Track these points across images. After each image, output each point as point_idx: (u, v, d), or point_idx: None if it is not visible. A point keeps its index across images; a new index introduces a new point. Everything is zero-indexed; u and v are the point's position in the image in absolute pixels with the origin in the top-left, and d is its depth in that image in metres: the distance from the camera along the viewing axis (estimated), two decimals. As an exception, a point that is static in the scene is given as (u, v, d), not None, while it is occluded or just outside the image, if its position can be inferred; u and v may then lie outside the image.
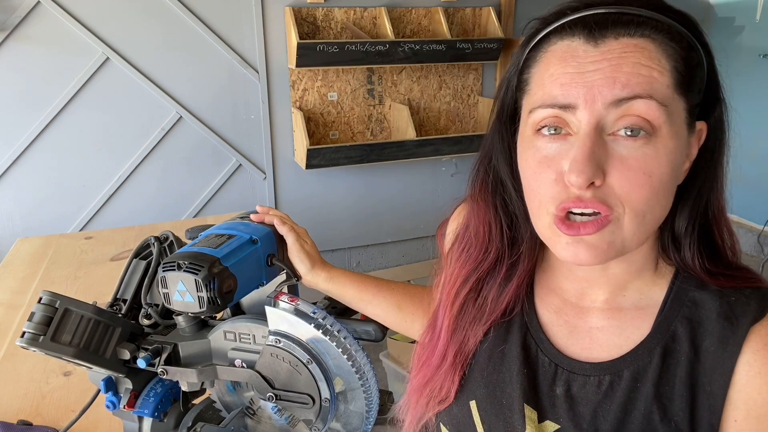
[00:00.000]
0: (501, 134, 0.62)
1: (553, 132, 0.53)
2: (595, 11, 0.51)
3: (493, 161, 0.64)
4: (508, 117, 0.61)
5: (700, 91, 0.53)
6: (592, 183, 0.50)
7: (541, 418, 0.60)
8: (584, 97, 0.50)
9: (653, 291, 0.59)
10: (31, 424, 1.03)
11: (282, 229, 0.83)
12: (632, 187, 0.50)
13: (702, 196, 0.57)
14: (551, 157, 0.53)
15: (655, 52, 0.50)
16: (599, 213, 0.51)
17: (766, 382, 0.51)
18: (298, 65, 2.59)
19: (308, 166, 2.71)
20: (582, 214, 0.52)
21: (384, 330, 0.83)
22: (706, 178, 0.56)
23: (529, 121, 0.55)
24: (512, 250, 0.65)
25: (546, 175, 0.53)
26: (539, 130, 0.54)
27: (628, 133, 0.50)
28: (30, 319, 0.71)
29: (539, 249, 0.66)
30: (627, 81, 0.49)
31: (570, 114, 0.51)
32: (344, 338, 0.70)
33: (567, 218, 0.52)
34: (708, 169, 0.56)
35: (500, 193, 0.64)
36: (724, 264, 0.58)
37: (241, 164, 2.83)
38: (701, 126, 0.55)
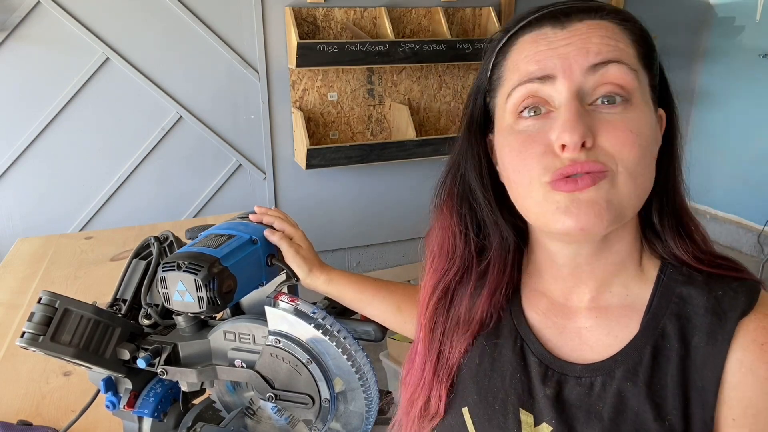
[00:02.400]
0: (471, 144, 0.64)
1: (533, 113, 0.55)
2: (558, 7, 0.56)
3: (461, 170, 0.65)
4: (479, 127, 0.63)
5: (657, 74, 0.58)
6: (584, 144, 0.51)
7: (537, 422, 0.60)
8: (561, 67, 0.53)
9: (639, 288, 0.59)
10: (31, 424, 1.03)
11: (272, 239, 0.81)
12: (623, 145, 0.52)
13: (668, 182, 0.59)
14: (535, 133, 0.54)
15: (616, 28, 0.55)
16: (594, 172, 0.52)
17: (758, 378, 0.51)
18: (298, 65, 2.59)
19: (308, 166, 2.71)
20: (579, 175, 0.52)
21: (384, 330, 0.83)
22: (669, 165, 0.59)
23: (507, 107, 0.57)
24: (480, 257, 0.66)
25: (533, 149, 0.54)
26: (520, 113, 0.56)
27: (606, 101, 0.53)
28: (30, 319, 0.71)
29: (525, 252, 0.67)
30: (599, 50, 0.53)
31: (549, 87, 0.54)
32: (344, 338, 0.70)
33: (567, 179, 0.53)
34: (669, 156, 0.59)
35: (468, 200, 0.65)
36: (704, 251, 0.59)
37: (241, 164, 2.83)
38: (662, 113, 0.59)
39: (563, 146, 0.52)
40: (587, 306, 0.61)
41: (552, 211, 0.53)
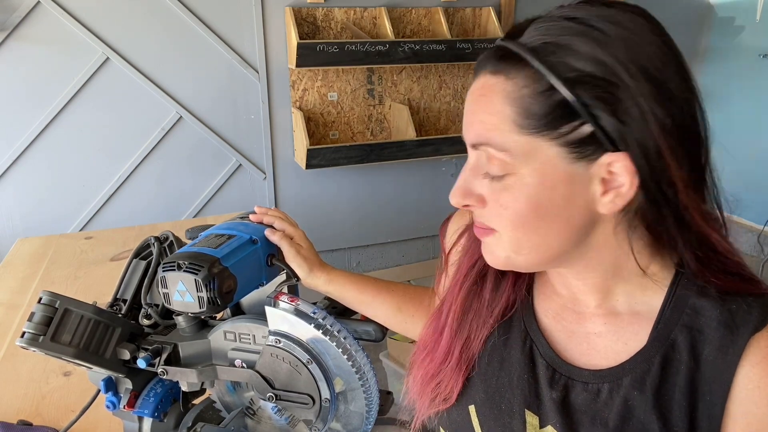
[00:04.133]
0: None
1: None
2: (491, 46, 0.56)
3: None
4: None
5: (579, 123, 0.50)
6: (467, 206, 0.58)
7: (542, 424, 0.59)
8: (466, 137, 0.58)
9: (648, 296, 0.59)
10: (31, 424, 1.03)
11: (273, 239, 0.81)
12: (493, 217, 0.57)
13: (669, 207, 0.53)
14: None
15: (499, 94, 0.53)
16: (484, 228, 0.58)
17: (764, 395, 0.51)
18: (298, 65, 2.59)
19: (308, 166, 2.71)
20: None
21: (384, 330, 0.83)
22: (656, 200, 0.53)
23: None
24: None
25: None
26: None
27: (487, 172, 0.55)
28: (30, 319, 0.71)
29: None
30: (475, 131, 0.55)
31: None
32: (344, 338, 0.70)
33: None
34: (654, 193, 0.52)
35: None
36: (725, 266, 0.56)
37: (241, 164, 2.83)
38: (611, 159, 0.51)
39: None
40: (595, 312, 0.61)
41: None
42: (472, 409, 0.65)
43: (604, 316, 0.60)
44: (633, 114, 0.49)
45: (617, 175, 0.52)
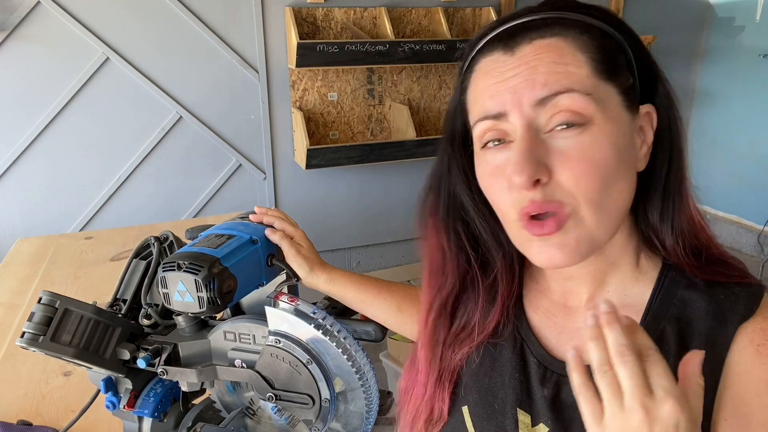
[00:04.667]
0: (456, 159, 0.63)
1: (497, 143, 0.55)
2: (508, 25, 0.55)
3: (445, 185, 0.64)
4: (461, 140, 0.63)
5: (631, 73, 0.55)
6: (538, 181, 0.51)
7: (534, 422, 0.60)
8: (511, 102, 0.53)
9: (637, 288, 0.59)
10: (31, 424, 1.03)
11: (273, 238, 0.81)
12: (579, 177, 0.51)
13: (667, 178, 0.57)
14: (500, 166, 0.55)
15: (567, 47, 0.53)
16: (556, 213, 0.52)
17: (752, 379, 0.51)
18: (298, 65, 2.59)
19: (308, 166, 2.71)
20: (542, 216, 0.53)
21: (384, 330, 0.83)
22: (671, 160, 0.57)
23: (475, 136, 0.58)
24: (485, 272, 0.65)
25: (499, 184, 0.55)
26: (485, 144, 0.56)
27: (562, 127, 0.52)
28: (30, 319, 0.71)
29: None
30: (546, 80, 0.52)
31: (504, 122, 0.54)
32: (344, 338, 0.70)
33: (532, 219, 0.53)
34: (667, 151, 0.57)
35: (461, 217, 0.64)
36: (709, 254, 0.57)
37: (241, 164, 2.83)
38: (647, 109, 0.56)
39: None
40: (586, 306, 0.61)
41: (527, 247, 0.56)
42: (465, 410, 0.65)
43: (593, 310, 0.60)
44: (659, 74, 0.57)
45: (646, 129, 0.56)
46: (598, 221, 0.53)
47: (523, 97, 0.52)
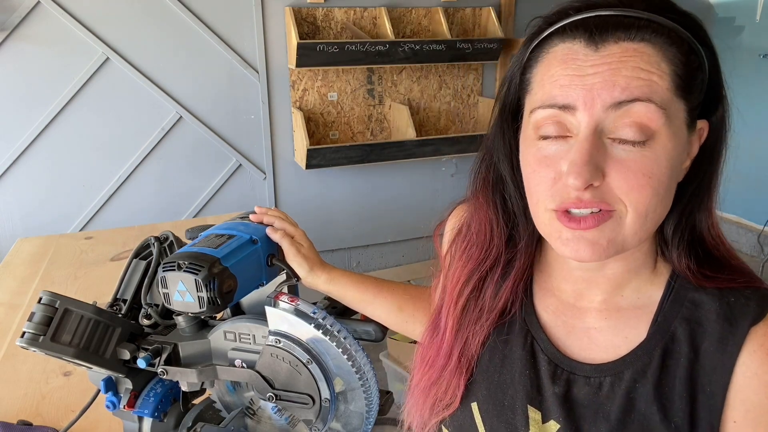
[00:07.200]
0: (503, 132, 0.62)
1: (553, 135, 0.53)
2: (597, 13, 0.51)
3: (494, 159, 0.64)
4: (511, 115, 0.61)
5: (701, 92, 0.53)
6: (591, 185, 0.50)
7: (545, 419, 0.60)
8: (583, 98, 0.51)
9: (650, 290, 0.59)
10: (31, 424, 1.03)
11: (274, 237, 0.81)
12: (632, 188, 0.51)
13: (697, 194, 0.57)
14: (551, 156, 0.53)
15: (654, 56, 0.50)
16: (599, 210, 0.52)
17: (762, 382, 0.52)
18: (298, 65, 2.59)
19: (308, 166, 2.71)
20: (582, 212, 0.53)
21: (384, 330, 0.83)
22: (704, 176, 0.57)
23: (530, 121, 0.55)
24: (508, 247, 0.65)
25: (545, 173, 0.54)
26: (540, 130, 0.54)
27: (627, 137, 0.50)
28: (30, 319, 0.71)
29: (537, 247, 0.66)
30: (626, 84, 0.49)
31: (569, 115, 0.52)
32: (344, 338, 0.70)
33: (568, 212, 0.53)
34: (707, 167, 0.56)
35: (500, 190, 0.64)
36: (717, 265, 0.57)
37: (241, 164, 2.83)
38: (702, 125, 0.55)
39: None
40: (597, 308, 0.61)
41: (555, 237, 0.55)
42: (474, 406, 0.65)
43: (605, 311, 0.61)
44: (723, 96, 0.56)
45: (694, 143, 0.55)
46: (637, 230, 0.52)
47: (598, 97, 0.50)
